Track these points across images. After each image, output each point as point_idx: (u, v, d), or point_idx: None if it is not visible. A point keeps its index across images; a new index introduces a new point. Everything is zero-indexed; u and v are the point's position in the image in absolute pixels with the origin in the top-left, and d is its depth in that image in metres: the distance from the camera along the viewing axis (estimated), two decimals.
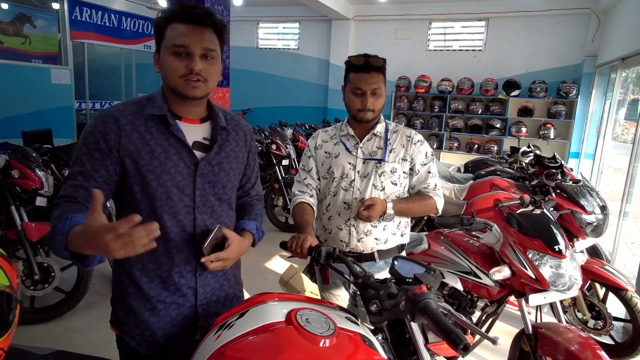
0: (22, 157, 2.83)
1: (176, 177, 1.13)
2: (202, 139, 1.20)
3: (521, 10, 7.01)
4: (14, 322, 0.91)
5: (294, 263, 2.86)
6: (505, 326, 2.85)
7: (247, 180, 1.37)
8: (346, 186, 1.69)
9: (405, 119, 7.78)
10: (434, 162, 1.74)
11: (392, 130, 1.73)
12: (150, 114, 1.12)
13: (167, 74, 1.11)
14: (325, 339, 0.92)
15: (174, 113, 1.16)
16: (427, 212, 1.75)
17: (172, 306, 1.18)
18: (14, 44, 6.39)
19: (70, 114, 7.03)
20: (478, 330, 1.02)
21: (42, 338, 2.65)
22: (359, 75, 1.60)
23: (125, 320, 1.19)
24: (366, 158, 1.69)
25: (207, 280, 1.22)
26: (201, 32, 1.09)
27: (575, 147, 6.65)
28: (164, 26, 1.10)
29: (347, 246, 1.71)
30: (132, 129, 1.10)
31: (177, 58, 1.08)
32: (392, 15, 7.89)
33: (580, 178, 3.04)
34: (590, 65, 6.44)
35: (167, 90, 1.16)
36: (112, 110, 1.12)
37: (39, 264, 2.72)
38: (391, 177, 1.67)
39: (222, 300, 1.29)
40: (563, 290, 1.83)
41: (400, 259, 1.21)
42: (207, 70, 1.11)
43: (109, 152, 1.09)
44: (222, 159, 1.21)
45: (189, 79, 1.09)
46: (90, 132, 1.10)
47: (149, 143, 1.11)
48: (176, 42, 1.07)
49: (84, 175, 1.07)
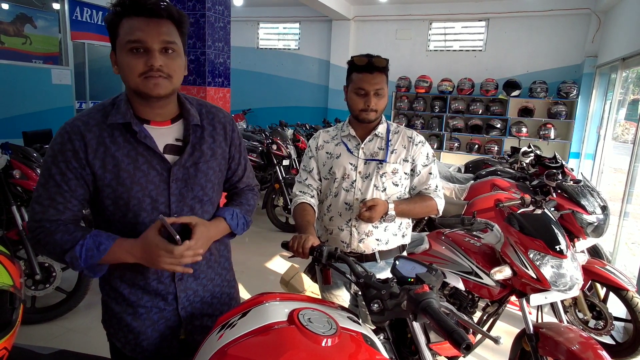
0: (23, 157, 2.83)
1: (148, 186, 1.08)
2: (174, 140, 1.12)
3: (521, 11, 7.01)
4: (17, 321, 0.91)
5: (295, 263, 2.86)
6: (506, 326, 2.85)
7: (232, 173, 1.29)
8: (347, 187, 1.69)
9: (405, 119, 7.79)
10: (435, 163, 1.74)
11: (394, 131, 1.73)
12: (114, 122, 1.05)
13: (125, 75, 1.02)
14: (328, 339, 0.92)
15: (140, 117, 1.08)
16: (428, 213, 1.75)
17: (153, 310, 1.16)
18: (14, 44, 6.40)
19: (70, 114, 7.03)
20: (480, 329, 1.02)
21: (43, 338, 2.65)
22: (362, 76, 1.59)
23: (110, 323, 1.20)
24: (367, 159, 1.69)
25: (188, 284, 1.19)
26: (158, 25, 0.99)
27: (575, 148, 6.65)
28: (117, 22, 1.01)
29: (348, 247, 1.70)
30: (97, 143, 1.05)
31: (134, 55, 0.99)
32: (393, 15, 7.89)
33: (581, 178, 3.03)
34: (590, 65, 6.44)
35: (130, 93, 1.07)
36: (77, 124, 1.05)
37: (40, 264, 2.72)
38: (392, 177, 1.67)
39: (209, 300, 1.26)
40: (564, 290, 1.83)
41: (401, 258, 1.21)
42: (169, 65, 1.02)
43: (82, 169, 1.05)
44: (198, 159, 1.14)
45: (149, 75, 1.00)
46: (59, 150, 1.04)
47: (115, 155, 1.05)
48: (131, 38, 0.98)
49: (63, 196, 1.05)
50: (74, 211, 1.07)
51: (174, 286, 1.16)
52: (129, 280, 1.14)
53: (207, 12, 3.72)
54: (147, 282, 1.14)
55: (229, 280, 1.34)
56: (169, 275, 1.15)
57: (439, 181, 1.75)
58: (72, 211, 1.07)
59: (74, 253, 1.01)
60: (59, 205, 1.05)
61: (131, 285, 1.14)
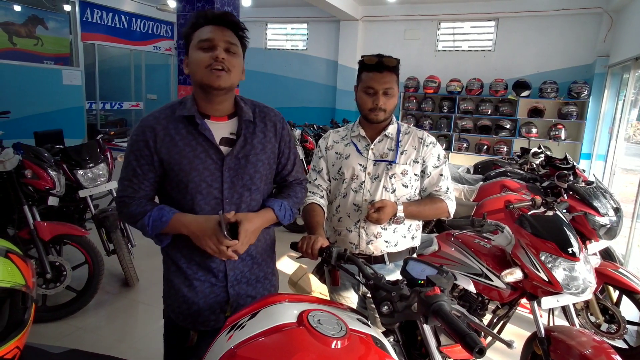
0: (34, 157, 2.86)
1: (204, 172, 1.25)
2: (229, 134, 1.30)
3: (531, 10, 6.94)
4: (29, 321, 0.92)
5: (303, 264, 2.85)
6: (516, 329, 2.82)
7: (282, 167, 1.42)
8: (356, 188, 1.68)
9: (413, 119, 7.75)
10: (446, 165, 1.72)
11: (404, 131, 1.71)
12: (180, 115, 1.25)
13: (194, 69, 1.22)
14: (337, 341, 0.91)
15: (202, 113, 1.28)
16: (438, 215, 1.73)
17: (205, 284, 1.33)
18: (26, 46, 6.49)
19: (81, 114, 7.11)
20: (493, 333, 1.01)
21: (54, 337, 2.68)
22: (372, 75, 1.58)
23: (168, 294, 1.39)
24: (377, 159, 1.67)
25: (236, 264, 1.34)
26: (223, 30, 1.22)
27: (586, 148, 6.57)
28: (191, 33, 1.24)
29: (357, 248, 1.69)
30: (165, 134, 1.25)
31: (202, 51, 1.20)
32: (401, 15, 7.86)
33: (593, 179, 2.99)
34: (602, 65, 6.36)
35: (196, 89, 1.27)
36: (149, 119, 1.28)
37: (51, 262, 2.75)
38: (402, 179, 1.65)
39: (253, 282, 1.39)
40: (577, 294, 1.80)
41: (412, 260, 1.20)
42: (230, 61, 1.21)
43: (151, 158, 1.26)
44: (248, 152, 1.30)
45: (213, 67, 1.19)
46: (135, 140, 1.27)
47: (178, 144, 1.25)
48: (202, 38, 1.20)
49: (138, 178, 1.28)
50: (147, 191, 1.30)
51: (224, 265, 1.32)
52: (187, 256, 1.32)
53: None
54: (202, 258, 1.31)
55: (272, 269, 1.49)
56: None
57: (451, 183, 1.73)
58: (145, 191, 1.29)
59: (143, 222, 1.25)
60: (134, 186, 1.28)
61: (189, 261, 1.32)
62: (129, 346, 2.65)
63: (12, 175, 2.72)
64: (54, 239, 2.76)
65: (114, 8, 7.66)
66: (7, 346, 0.84)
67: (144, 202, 1.29)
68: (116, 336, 2.76)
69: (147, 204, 1.28)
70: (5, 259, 0.89)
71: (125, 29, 8.06)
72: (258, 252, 1.39)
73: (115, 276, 3.51)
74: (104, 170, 3.26)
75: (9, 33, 6.27)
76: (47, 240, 2.72)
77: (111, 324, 2.91)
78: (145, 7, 8.18)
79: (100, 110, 8.06)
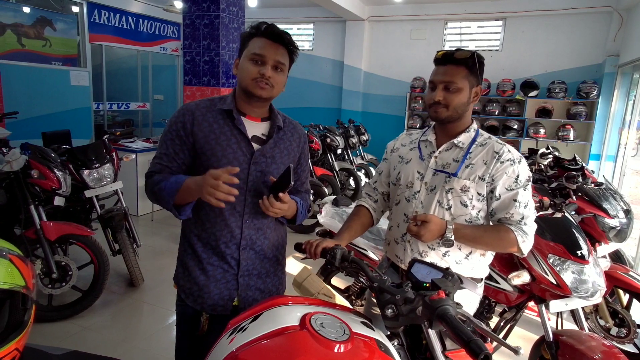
0: (41, 158, 2.88)
1: (233, 162, 1.34)
2: (261, 134, 1.41)
3: (540, 9, 6.87)
4: (29, 322, 0.91)
5: (308, 265, 2.84)
6: (523, 332, 2.78)
7: (297, 177, 1.51)
8: (409, 196, 1.50)
9: (420, 120, 7.71)
10: (528, 190, 1.40)
11: (480, 142, 1.46)
12: (220, 108, 1.37)
13: (242, 76, 1.34)
14: (340, 345, 0.90)
15: (240, 110, 1.39)
16: (503, 248, 1.43)
17: (218, 269, 1.39)
18: (35, 47, 6.55)
19: (88, 115, 7.16)
20: (499, 339, 0.98)
21: (59, 336, 2.69)
22: (435, 69, 1.45)
23: (181, 276, 1.45)
24: (438, 169, 1.46)
25: (249, 254, 1.41)
26: (277, 48, 1.32)
27: (595, 149, 6.48)
28: (249, 39, 1.35)
29: (402, 263, 1.52)
30: (203, 119, 1.36)
31: (253, 64, 1.31)
32: (407, 15, 7.82)
33: (602, 181, 2.95)
34: (612, 64, 6.27)
35: (239, 90, 1.39)
36: (191, 105, 1.39)
37: (57, 262, 2.76)
38: (460, 196, 1.41)
39: (263, 276, 1.46)
40: (586, 297, 1.77)
41: (417, 262, 1.18)
42: (275, 78, 1.33)
43: (186, 138, 1.35)
44: (275, 153, 1.41)
45: (258, 81, 1.31)
46: (173, 122, 1.38)
47: (215, 131, 1.35)
48: (256, 52, 1.31)
49: (168, 157, 1.37)
50: (173, 170, 1.38)
51: (238, 253, 1.39)
52: (204, 240, 1.40)
53: (221, 14, 3.73)
54: (217, 243, 1.38)
55: (282, 266, 1.56)
56: (235, 243, 1.38)
57: (531, 213, 1.41)
58: (172, 169, 1.37)
59: (161, 186, 1.31)
60: (163, 163, 1.37)
61: (205, 245, 1.40)
62: (134, 346, 2.65)
63: (19, 175, 2.74)
64: (60, 238, 2.78)
65: (121, 9, 7.71)
66: (6, 348, 0.83)
67: (167, 174, 1.37)
68: (121, 336, 2.77)
69: (169, 175, 1.36)
70: (5, 260, 0.89)
71: (132, 30, 8.11)
72: (270, 247, 1.46)
73: (121, 276, 3.52)
74: (109, 170, 3.28)
75: (18, 34, 6.33)
76: (53, 240, 2.73)
77: (116, 324, 2.92)
78: (151, 8, 8.23)
79: (108, 111, 8.11)
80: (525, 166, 1.41)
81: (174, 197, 1.29)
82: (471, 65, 1.40)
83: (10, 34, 6.26)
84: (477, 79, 1.43)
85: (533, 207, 1.43)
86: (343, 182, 5.75)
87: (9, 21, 6.23)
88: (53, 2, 6.93)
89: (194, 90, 4.00)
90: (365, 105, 8.52)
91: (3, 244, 0.94)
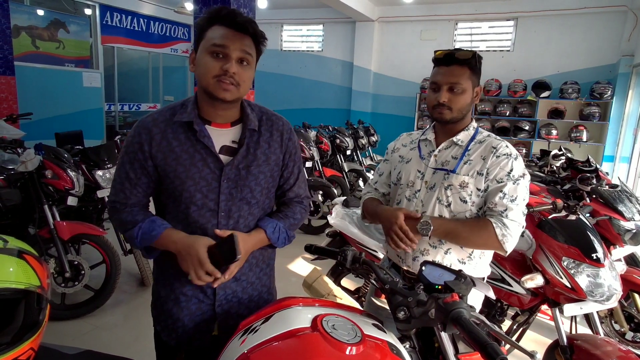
0: (55, 158, 2.91)
1: (200, 182, 1.17)
2: (231, 142, 1.20)
3: (552, 9, 6.79)
4: (44, 322, 0.92)
5: (318, 266, 2.84)
6: (536, 336, 2.74)
7: (284, 181, 1.32)
8: (410, 196, 1.51)
9: (430, 121, 7.65)
10: (519, 186, 1.36)
11: (479, 140, 1.46)
12: (179, 120, 1.16)
13: (201, 73, 1.12)
14: (352, 347, 0.89)
15: (203, 118, 1.18)
16: (484, 245, 1.38)
17: (192, 300, 1.24)
18: (48, 49, 6.66)
19: (100, 116, 7.26)
20: (515, 343, 0.97)
21: (72, 335, 2.72)
22: (438, 69, 1.43)
23: (155, 306, 1.32)
24: (437, 168, 1.47)
25: (228, 283, 1.23)
26: (241, 38, 1.12)
27: (609, 151, 6.38)
28: (206, 27, 1.13)
29: (403, 263, 1.52)
30: (162, 137, 1.16)
31: (213, 58, 1.10)
32: (417, 16, 7.79)
33: (617, 182, 2.89)
34: (626, 65, 6.17)
35: (200, 92, 1.18)
36: (147, 121, 1.19)
37: (70, 261, 2.79)
38: (459, 192, 1.40)
39: (246, 302, 1.30)
40: (601, 301, 1.74)
41: (429, 264, 1.17)
42: (241, 74, 1.12)
43: (145, 161, 1.17)
44: (250, 162, 1.20)
45: (221, 80, 1.10)
46: (129, 143, 1.19)
47: (175, 150, 1.16)
48: (216, 42, 1.09)
49: (130, 182, 1.20)
50: (139, 197, 1.21)
51: None
52: (177, 268, 1.19)
53: None
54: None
55: (268, 287, 1.39)
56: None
57: (519, 209, 1.36)
58: (137, 197, 1.21)
59: (132, 233, 1.17)
60: (126, 191, 1.20)
61: (178, 273, 1.21)
62: (145, 346, 2.66)
63: (33, 175, 2.77)
64: (72, 238, 2.81)
65: (132, 11, 7.80)
66: (21, 347, 0.84)
67: (136, 211, 1.20)
68: (132, 335, 2.79)
69: (139, 213, 1.20)
70: (20, 260, 0.90)
71: (144, 32, 8.19)
72: (252, 271, 1.29)
73: (132, 276, 3.55)
74: None
75: (32, 37, 6.44)
76: (66, 240, 2.76)
77: (127, 323, 2.94)
78: (163, 10, 8.31)
79: (119, 112, 8.20)
80: (521, 163, 1.40)
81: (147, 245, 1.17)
82: (473, 66, 1.41)
83: (25, 37, 6.37)
84: (478, 78, 1.45)
85: (524, 205, 1.38)
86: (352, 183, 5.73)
87: (24, 24, 6.34)
88: (66, 4, 7.04)
89: None
90: (374, 106, 8.50)
91: (18, 244, 0.95)
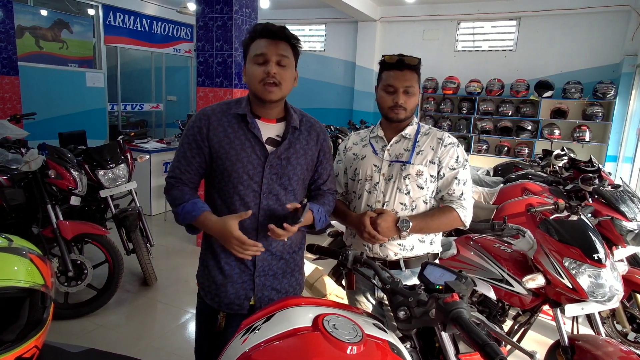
0: (58, 158, 2.93)
1: (247, 165, 1.37)
2: (275, 135, 1.42)
3: (555, 9, 6.76)
4: (48, 320, 0.93)
5: (319, 266, 2.84)
6: (538, 336, 2.74)
7: (318, 176, 1.52)
8: (370, 189, 1.66)
9: (432, 120, 7.65)
10: (466, 169, 1.63)
11: (424, 132, 1.67)
12: (235, 112, 1.39)
13: (250, 81, 1.36)
14: (353, 346, 0.90)
15: (254, 113, 1.41)
16: (451, 226, 1.66)
17: (235, 269, 1.43)
18: (52, 49, 6.68)
19: (103, 116, 7.28)
20: (515, 343, 0.97)
21: (76, 333, 2.73)
22: (392, 73, 1.58)
23: (201, 274, 1.50)
24: (392, 160, 1.64)
25: (265, 255, 1.42)
26: (277, 44, 1.32)
27: (612, 151, 6.35)
28: (249, 44, 1.36)
29: (371, 251, 1.66)
30: (218, 124, 1.39)
31: (257, 66, 1.33)
32: (420, 15, 7.78)
33: (620, 183, 2.89)
34: (630, 64, 6.14)
35: (251, 95, 1.41)
36: (207, 109, 1.42)
37: (73, 261, 2.81)
38: (417, 180, 1.61)
39: (280, 276, 1.48)
40: (603, 302, 1.74)
41: (430, 265, 1.17)
42: (281, 74, 1.33)
43: (202, 143, 1.39)
44: (291, 155, 1.41)
45: (266, 82, 1.31)
46: (190, 127, 1.41)
47: (229, 136, 1.38)
48: (257, 52, 1.32)
49: (186, 160, 1.41)
50: (191, 174, 1.42)
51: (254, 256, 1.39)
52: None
53: (234, 15, 3.76)
54: None
55: (299, 267, 1.58)
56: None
57: (469, 189, 1.63)
58: (190, 174, 1.42)
59: (177, 209, 1.39)
60: (182, 167, 1.42)
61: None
62: (148, 344, 2.68)
63: (36, 175, 2.79)
64: (75, 237, 2.82)
65: (135, 12, 7.82)
66: (26, 345, 0.85)
67: (187, 190, 1.41)
68: (135, 334, 2.80)
69: (188, 192, 1.41)
70: (24, 259, 0.91)
71: (147, 32, 8.21)
72: (286, 248, 1.47)
73: (135, 275, 3.56)
74: (124, 170, 3.32)
75: (36, 37, 6.47)
76: (69, 239, 2.78)
77: (130, 322, 2.96)
78: (165, 10, 8.33)
79: (122, 112, 8.23)
80: (462, 149, 1.66)
81: (186, 223, 1.38)
82: (419, 70, 1.61)
83: (29, 37, 6.40)
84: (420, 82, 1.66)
85: (471, 184, 1.66)
86: None
87: (28, 24, 6.37)
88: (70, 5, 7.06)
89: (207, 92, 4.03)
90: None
91: (23, 243, 0.96)
